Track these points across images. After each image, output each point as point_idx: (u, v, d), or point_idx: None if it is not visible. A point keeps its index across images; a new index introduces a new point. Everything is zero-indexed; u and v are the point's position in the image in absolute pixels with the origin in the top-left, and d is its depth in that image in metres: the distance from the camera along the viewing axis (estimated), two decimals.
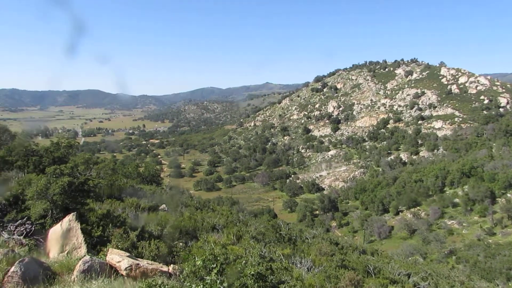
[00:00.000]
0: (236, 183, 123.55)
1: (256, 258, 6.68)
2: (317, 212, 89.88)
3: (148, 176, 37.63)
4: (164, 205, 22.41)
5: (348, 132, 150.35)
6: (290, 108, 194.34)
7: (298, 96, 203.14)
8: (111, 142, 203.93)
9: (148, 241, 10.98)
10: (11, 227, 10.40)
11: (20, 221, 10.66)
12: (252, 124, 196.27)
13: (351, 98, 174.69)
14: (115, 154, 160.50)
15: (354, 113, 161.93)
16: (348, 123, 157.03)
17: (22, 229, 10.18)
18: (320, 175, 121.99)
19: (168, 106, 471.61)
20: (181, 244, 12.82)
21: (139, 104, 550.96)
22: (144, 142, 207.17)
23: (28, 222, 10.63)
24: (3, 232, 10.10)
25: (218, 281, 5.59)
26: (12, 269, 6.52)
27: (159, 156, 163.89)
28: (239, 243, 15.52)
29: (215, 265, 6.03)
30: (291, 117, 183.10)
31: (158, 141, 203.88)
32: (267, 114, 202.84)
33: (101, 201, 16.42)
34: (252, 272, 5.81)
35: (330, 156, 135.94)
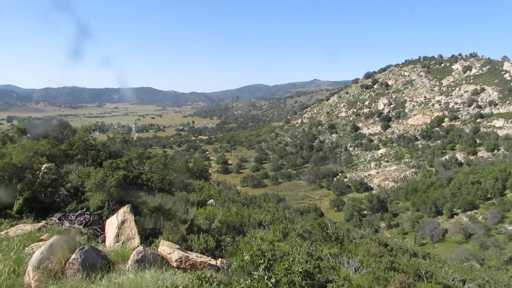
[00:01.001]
0: (283, 180, 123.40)
1: (304, 256, 6.63)
2: (365, 212, 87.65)
3: (197, 172, 38.69)
4: (212, 200, 22.91)
5: (399, 130, 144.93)
6: (338, 105, 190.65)
7: (347, 93, 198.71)
8: (162, 138, 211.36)
9: (197, 235, 11.27)
10: (72, 216, 11.11)
11: (80, 211, 11.36)
12: (299, 121, 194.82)
13: (403, 95, 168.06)
14: (166, 149, 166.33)
15: (406, 110, 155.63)
16: (400, 121, 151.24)
17: (81, 219, 10.83)
18: (368, 174, 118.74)
19: (217, 103, 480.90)
20: (228, 238, 13.01)
21: (189, 101, 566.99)
22: (193, 138, 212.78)
23: (87, 212, 11.31)
24: (65, 221, 10.81)
25: (266, 277, 5.61)
26: (73, 256, 6.96)
27: (207, 152, 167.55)
28: (285, 240, 15.52)
29: (262, 261, 6.06)
30: (339, 115, 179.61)
31: (207, 137, 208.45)
32: (315, 111, 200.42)
33: (153, 195, 17.04)
34: (300, 270, 5.77)
35: (379, 155, 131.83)
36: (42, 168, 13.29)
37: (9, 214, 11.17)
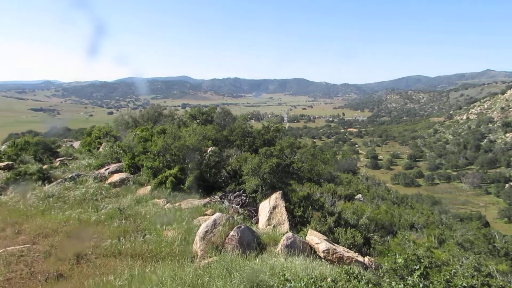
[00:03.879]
0: (440, 182, 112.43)
1: (470, 269, 5.87)
2: None
3: (345, 164, 38.20)
4: (360, 195, 22.33)
5: None
6: None
7: None
8: (311, 129, 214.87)
9: (344, 228, 11.13)
10: (231, 196, 12.26)
11: (237, 192, 12.46)
12: (464, 117, 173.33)
13: None
14: (314, 140, 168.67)
15: None
16: None
17: (239, 200, 11.87)
18: None
19: (369, 95, 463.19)
20: (376, 237, 12.49)
21: (340, 92, 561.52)
22: (342, 130, 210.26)
23: (243, 194, 12.33)
24: (225, 200, 12.01)
25: (421, 285, 5.17)
26: (232, 233, 7.67)
27: (356, 146, 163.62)
28: (441, 248, 14.07)
29: (418, 267, 5.60)
30: None
31: (357, 130, 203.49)
32: (485, 106, 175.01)
33: (302, 184, 17.51)
34: (464, 284, 5.12)
35: None
36: (208, 151, 14.98)
37: (182, 188, 12.99)
